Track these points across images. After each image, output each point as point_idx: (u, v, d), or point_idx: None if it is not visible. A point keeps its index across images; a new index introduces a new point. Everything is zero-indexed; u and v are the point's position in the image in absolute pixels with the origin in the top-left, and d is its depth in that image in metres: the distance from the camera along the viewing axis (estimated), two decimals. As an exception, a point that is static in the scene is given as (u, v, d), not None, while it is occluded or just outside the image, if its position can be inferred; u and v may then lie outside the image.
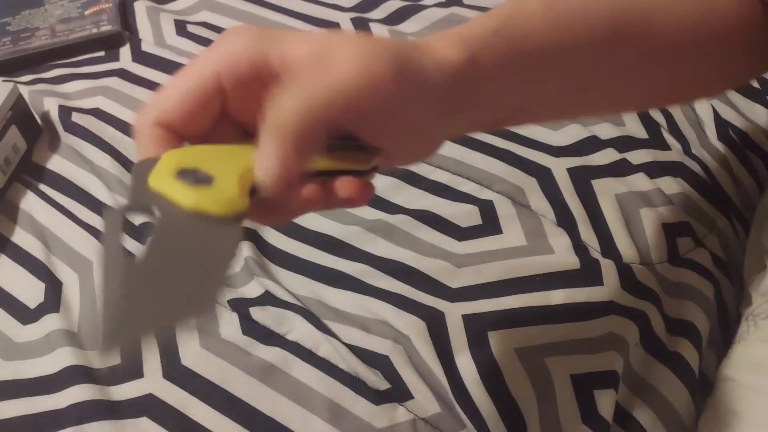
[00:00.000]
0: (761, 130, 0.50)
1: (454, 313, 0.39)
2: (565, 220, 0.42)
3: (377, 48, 0.23)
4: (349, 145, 0.25)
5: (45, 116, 0.51)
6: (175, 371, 0.38)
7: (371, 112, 0.23)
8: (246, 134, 0.25)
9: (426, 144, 0.27)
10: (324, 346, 0.38)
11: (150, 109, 0.24)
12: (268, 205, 0.24)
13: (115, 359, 0.39)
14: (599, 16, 0.29)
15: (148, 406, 0.37)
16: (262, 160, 0.23)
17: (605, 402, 0.36)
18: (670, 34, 0.30)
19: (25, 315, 0.42)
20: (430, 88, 0.24)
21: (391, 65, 0.23)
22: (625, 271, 0.40)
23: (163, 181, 0.22)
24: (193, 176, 0.22)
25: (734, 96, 0.51)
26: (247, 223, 0.41)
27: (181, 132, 0.24)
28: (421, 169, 0.46)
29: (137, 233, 0.44)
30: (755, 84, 0.51)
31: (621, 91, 0.32)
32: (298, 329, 0.39)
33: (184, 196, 0.22)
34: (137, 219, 0.45)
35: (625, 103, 0.35)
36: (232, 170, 0.23)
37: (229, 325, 0.39)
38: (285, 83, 0.23)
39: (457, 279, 0.40)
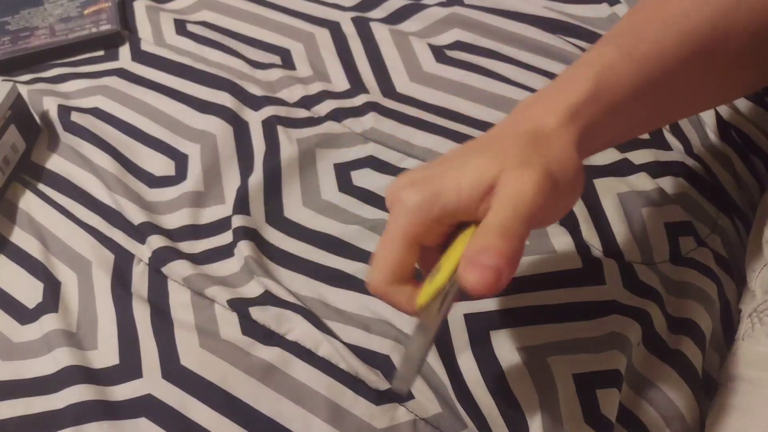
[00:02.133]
0: (762, 131, 0.50)
1: (456, 312, 0.39)
2: (567, 220, 0.42)
3: (530, 160, 0.28)
4: None
5: (44, 116, 0.51)
6: (174, 371, 0.38)
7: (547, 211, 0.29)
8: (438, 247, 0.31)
9: (576, 194, 0.31)
10: (324, 346, 0.38)
11: (376, 277, 0.30)
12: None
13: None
14: (672, 49, 0.32)
15: (147, 406, 0.37)
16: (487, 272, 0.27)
17: (608, 401, 0.36)
18: (736, 41, 0.34)
19: (23, 315, 0.42)
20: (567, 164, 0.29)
21: (545, 172, 0.28)
22: (627, 271, 0.40)
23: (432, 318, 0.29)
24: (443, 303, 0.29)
25: (735, 97, 0.51)
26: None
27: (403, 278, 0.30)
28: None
29: (135, 232, 0.44)
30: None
31: (698, 97, 0.36)
32: (298, 329, 0.38)
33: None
34: (135, 219, 0.45)
35: (710, 102, 0.39)
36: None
37: (228, 324, 0.39)
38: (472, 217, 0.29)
39: (458, 278, 0.40)
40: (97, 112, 0.51)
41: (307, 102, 0.50)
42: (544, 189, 0.27)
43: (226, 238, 0.44)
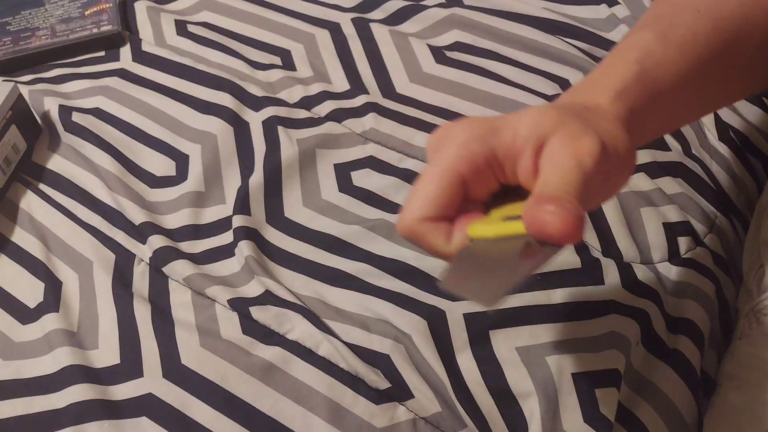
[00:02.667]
0: (760, 132, 0.50)
1: (456, 311, 0.39)
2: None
3: (585, 126, 0.27)
4: None
5: (45, 116, 0.51)
6: (175, 371, 0.38)
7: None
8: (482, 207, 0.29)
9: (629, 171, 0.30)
10: (324, 346, 0.38)
11: (412, 210, 0.27)
12: None
13: None
14: (705, 38, 0.33)
15: (148, 405, 0.37)
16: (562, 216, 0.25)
17: (607, 401, 0.36)
18: (764, 31, 0.34)
19: (24, 314, 0.42)
20: (621, 139, 0.28)
21: (598, 139, 0.26)
22: (625, 270, 0.40)
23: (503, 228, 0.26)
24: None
25: (734, 98, 0.51)
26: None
27: (438, 220, 0.28)
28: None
29: (136, 232, 0.44)
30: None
31: (737, 83, 0.37)
32: (298, 328, 0.38)
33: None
34: (136, 219, 0.45)
35: (742, 92, 0.39)
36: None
37: (229, 324, 0.39)
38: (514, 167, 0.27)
39: (457, 278, 0.40)
40: (98, 113, 0.51)
41: (307, 102, 0.50)
42: (600, 159, 0.26)
43: (226, 237, 0.44)
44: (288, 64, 0.54)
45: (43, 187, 0.48)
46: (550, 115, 0.27)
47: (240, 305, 0.40)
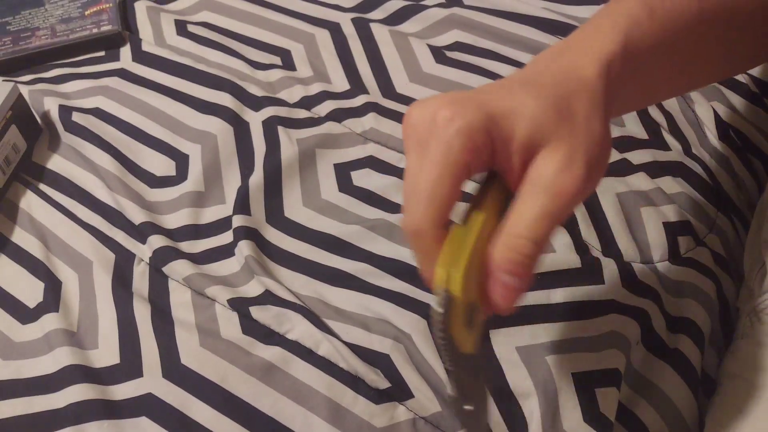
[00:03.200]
0: (760, 131, 0.50)
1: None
2: (566, 219, 0.42)
3: (576, 150, 0.26)
4: None
5: (45, 116, 0.51)
6: (175, 370, 0.38)
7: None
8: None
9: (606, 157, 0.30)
10: (324, 345, 0.38)
11: (422, 212, 0.26)
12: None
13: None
14: (691, 13, 0.32)
15: (148, 405, 0.37)
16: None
17: (607, 400, 0.36)
18: (743, 16, 0.34)
19: (24, 314, 0.42)
20: (601, 141, 0.28)
21: (587, 165, 0.26)
22: (625, 270, 0.40)
23: (463, 338, 0.26)
24: (471, 318, 0.26)
25: (734, 98, 0.51)
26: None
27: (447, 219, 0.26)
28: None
29: (136, 232, 0.44)
30: (754, 87, 0.51)
31: (718, 63, 0.36)
32: (298, 328, 0.38)
33: (469, 345, 0.27)
34: (136, 219, 0.45)
35: (718, 74, 0.39)
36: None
37: (229, 324, 0.39)
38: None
39: (457, 278, 0.40)
40: (98, 113, 0.51)
41: (307, 102, 0.50)
42: (584, 183, 0.26)
43: (226, 237, 0.44)
44: (288, 64, 0.54)
45: (43, 187, 0.48)
46: (549, 117, 0.26)
47: (240, 305, 0.40)
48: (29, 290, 0.43)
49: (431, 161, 0.25)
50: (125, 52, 0.56)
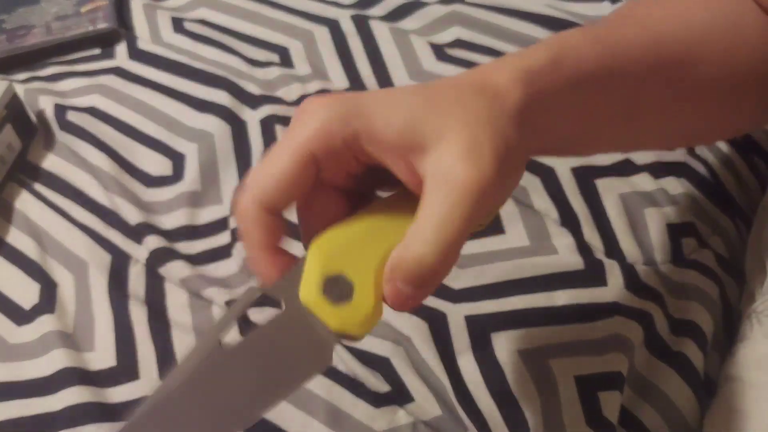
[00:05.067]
0: (765, 132, 0.49)
1: (457, 314, 0.38)
2: (569, 220, 0.42)
3: (479, 139, 0.24)
4: None
5: (40, 114, 0.51)
6: (172, 373, 0.38)
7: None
8: (339, 193, 0.27)
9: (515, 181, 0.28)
10: (323, 348, 0.37)
11: (251, 190, 0.25)
12: None
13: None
14: (641, 49, 0.30)
15: (145, 408, 0.37)
16: (421, 269, 0.23)
17: (610, 404, 0.36)
18: (706, 70, 0.32)
19: (19, 316, 0.41)
20: (514, 144, 0.25)
21: (496, 158, 0.23)
22: (629, 272, 0.40)
23: (312, 298, 0.24)
24: (338, 289, 0.24)
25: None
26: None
27: (280, 208, 0.25)
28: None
29: (132, 233, 0.44)
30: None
31: (662, 126, 0.33)
32: (297, 330, 0.38)
33: (332, 317, 0.24)
34: (132, 220, 0.44)
35: (666, 139, 0.36)
36: (369, 270, 0.25)
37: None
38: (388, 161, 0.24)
39: (459, 280, 0.40)
40: (93, 111, 0.51)
41: (305, 101, 0.50)
42: (495, 177, 0.23)
43: (224, 238, 0.44)
44: (286, 61, 0.53)
45: (38, 186, 0.47)
46: (433, 111, 0.24)
47: (238, 307, 0.39)
48: (24, 291, 0.42)
49: (278, 144, 0.25)
50: (121, 49, 0.55)
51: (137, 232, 0.43)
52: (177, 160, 0.48)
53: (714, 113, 0.34)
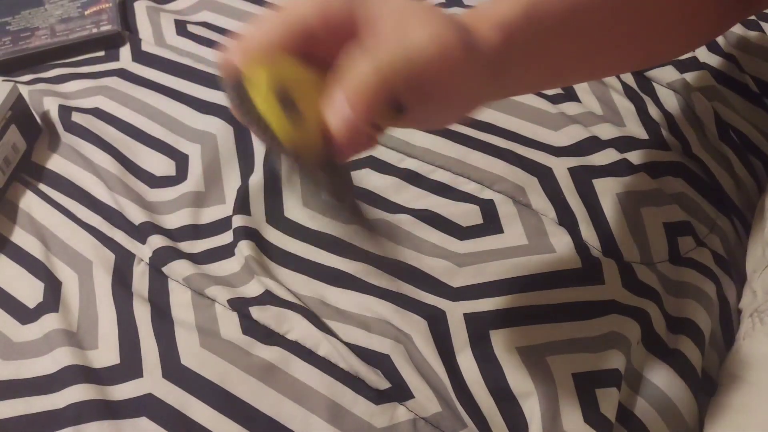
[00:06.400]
0: (760, 131, 0.50)
1: (456, 312, 0.39)
2: (566, 219, 0.42)
3: (449, 22, 0.26)
4: None
5: (45, 116, 0.51)
6: (175, 371, 0.38)
7: (434, 81, 0.26)
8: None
9: (460, 111, 0.29)
10: (324, 346, 0.38)
11: (254, 34, 0.26)
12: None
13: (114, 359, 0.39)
14: None
15: (147, 405, 0.37)
16: (333, 116, 0.25)
17: (608, 401, 0.36)
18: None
19: (24, 314, 0.42)
20: (481, 64, 0.27)
21: (460, 39, 0.25)
22: (626, 270, 0.40)
23: (266, 103, 0.25)
24: (291, 107, 0.25)
25: (734, 98, 0.51)
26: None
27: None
28: (422, 168, 0.46)
29: (136, 232, 0.44)
30: (754, 87, 0.51)
31: (624, 56, 0.35)
32: (298, 328, 0.38)
33: (284, 131, 0.25)
34: (136, 219, 0.45)
35: (626, 66, 0.39)
36: (316, 109, 0.25)
37: (229, 324, 0.39)
38: (365, 42, 0.25)
39: (458, 278, 0.40)
40: (97, 113, 0.51)
41: (307, 102, 0.50)
42: (448, 47, 0.25)
43: (226, 237, 0.44)
44: (288, 63, 0.54)
45: (42, 187, 0.48)
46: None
47: (240, 305, 0.40)
48: (29, 290, 0.43)
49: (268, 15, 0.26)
50: (125, 52, 0.56)
51: (141, 232, 0.44)
52: (180, 160, 0.48)
53: (671, 33, 0.36)
